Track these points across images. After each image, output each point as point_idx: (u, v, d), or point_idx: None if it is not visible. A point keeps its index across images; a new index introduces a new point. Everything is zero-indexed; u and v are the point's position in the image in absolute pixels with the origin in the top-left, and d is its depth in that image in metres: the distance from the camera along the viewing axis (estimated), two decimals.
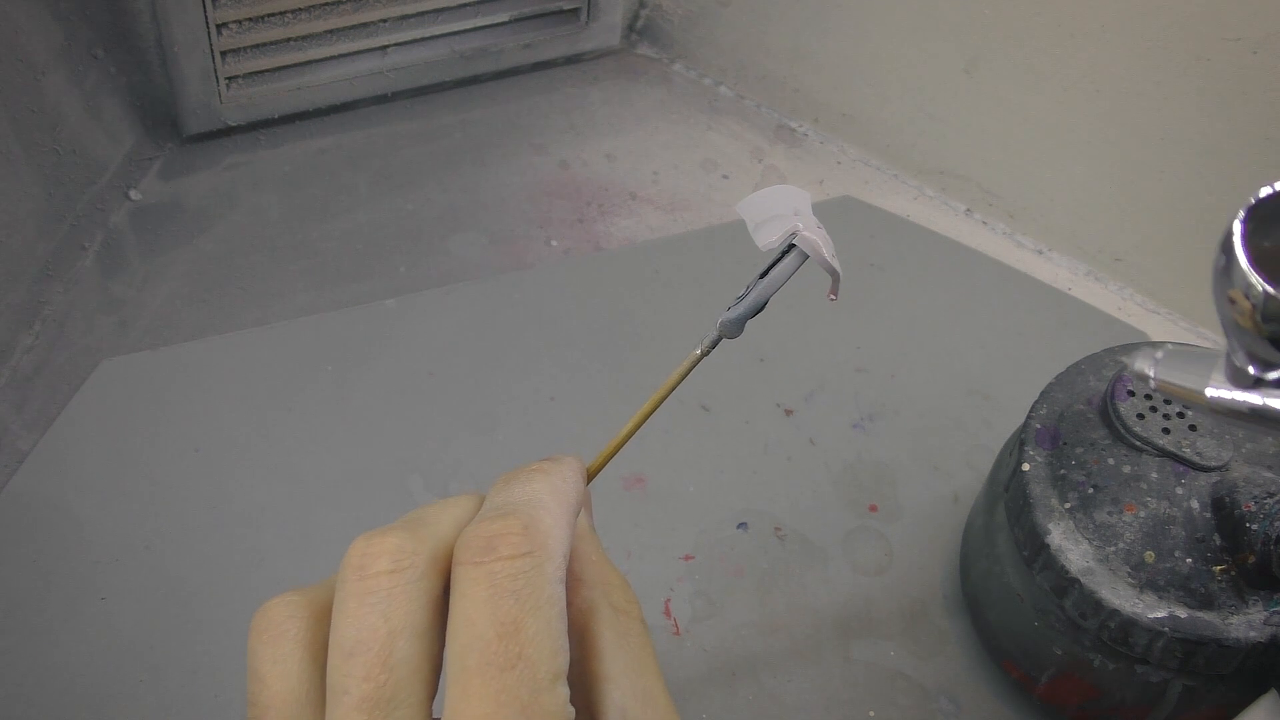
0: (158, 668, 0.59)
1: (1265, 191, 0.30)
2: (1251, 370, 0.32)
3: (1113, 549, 0.53)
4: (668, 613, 0.63)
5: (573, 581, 0.32)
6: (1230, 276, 0.30)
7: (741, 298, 0.36)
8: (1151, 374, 0.34)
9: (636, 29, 0.94)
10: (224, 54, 0.79)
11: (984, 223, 0.84)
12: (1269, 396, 0.32)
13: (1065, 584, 0.53)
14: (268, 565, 0.63)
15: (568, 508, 0.32)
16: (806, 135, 0.89)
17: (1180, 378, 0.34)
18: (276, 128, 0.85)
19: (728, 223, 0.82)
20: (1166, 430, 0.54)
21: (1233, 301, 0.30)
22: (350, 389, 0.71)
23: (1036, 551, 0.54)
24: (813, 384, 0.72)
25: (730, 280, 0.77)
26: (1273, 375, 0.32)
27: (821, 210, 0.83)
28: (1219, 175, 0.74)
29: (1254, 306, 0.29)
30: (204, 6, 0.76)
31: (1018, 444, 0.57)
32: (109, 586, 0.62)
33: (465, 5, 0.85)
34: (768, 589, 0.64)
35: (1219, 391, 0.33)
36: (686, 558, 0.65)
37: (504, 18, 0.86)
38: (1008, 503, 0.57)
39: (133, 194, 0.81)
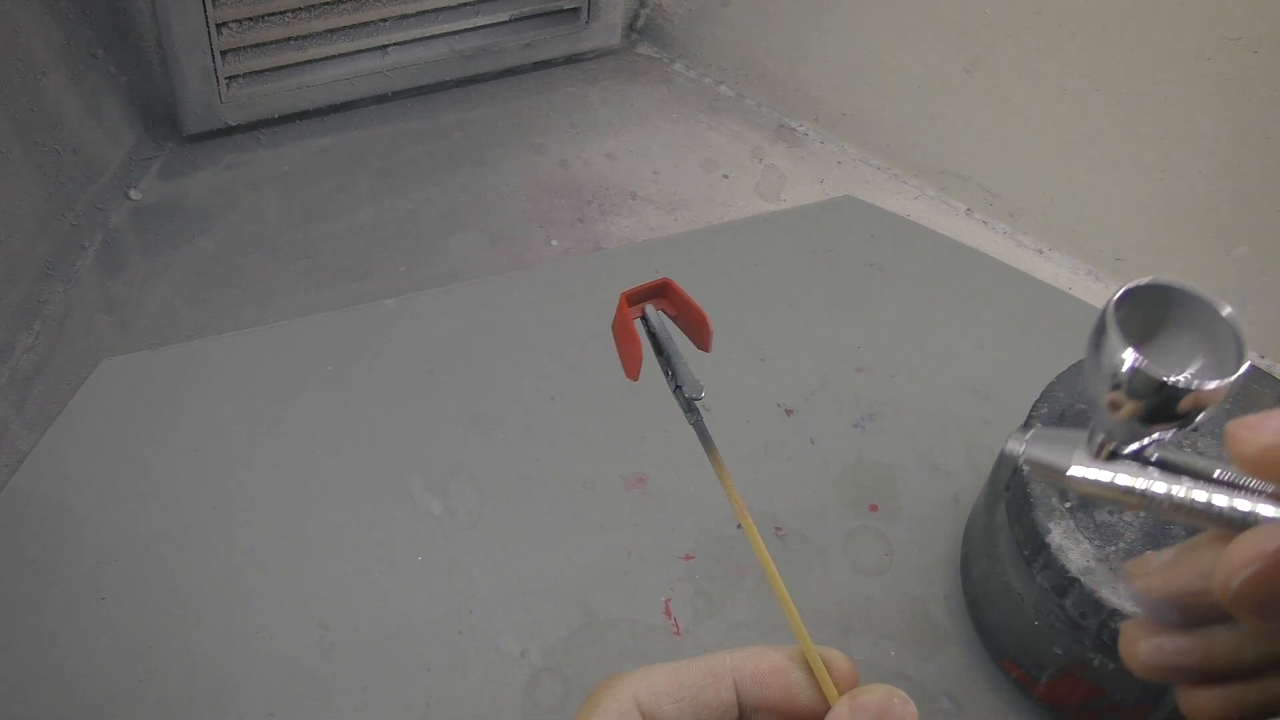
0: (158, 668, 0.59)
1: (1133, 284, 0.33)
2: (1111, 446, 0.34)
3: (1113, 548, 0.53)
4: (668, 613, 0.63)
5: None
6: (1101, 352, 0.32)
7: (672, 374, 0.38)
8: (1021, 453, 0.36)
9: (637, 28, 0.94)
10: (224, 53, 0.79)
11: (984, 222, 0.84)
12: (1125, 470, 0.34)
13: (1065, 583, 0.53)
14: (268, 565, 0.63)
15: (705, 664, 0.36)
16: (807, 135, 0.89)
17: (1046, 456, 0.36)
18: (276, 127, 0.85)
19: (728, 222, 0.82)
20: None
21: (1106, 392, 0.32)
22: (350, 389, 0.71)
23: (1037, 551, 0.54)
24: (813, 384, 0.72)
25: (730, 280, 0.77)
26: (1129, 449, 0.33)
27: (821, 210, 0.83)
28: (1220, 175, 0.74)
29: (1121, 386, 0.32)
30: (204, 6, 0.76)
31: (1018, 443, 0.57)
32: (109, 586, 0.62)
33: (465, 5, 0.85)
34: (767, 589, 0.64)
35: (1081, 468, 0.34)
36: (687, 558, 0.65)
37: (504, 17, 0.86)
38: (1008, 502, 0.57)
39: (133, 194, 0.81)
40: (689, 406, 0.38)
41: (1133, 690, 0.54)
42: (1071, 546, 0.53)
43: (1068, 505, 0.54)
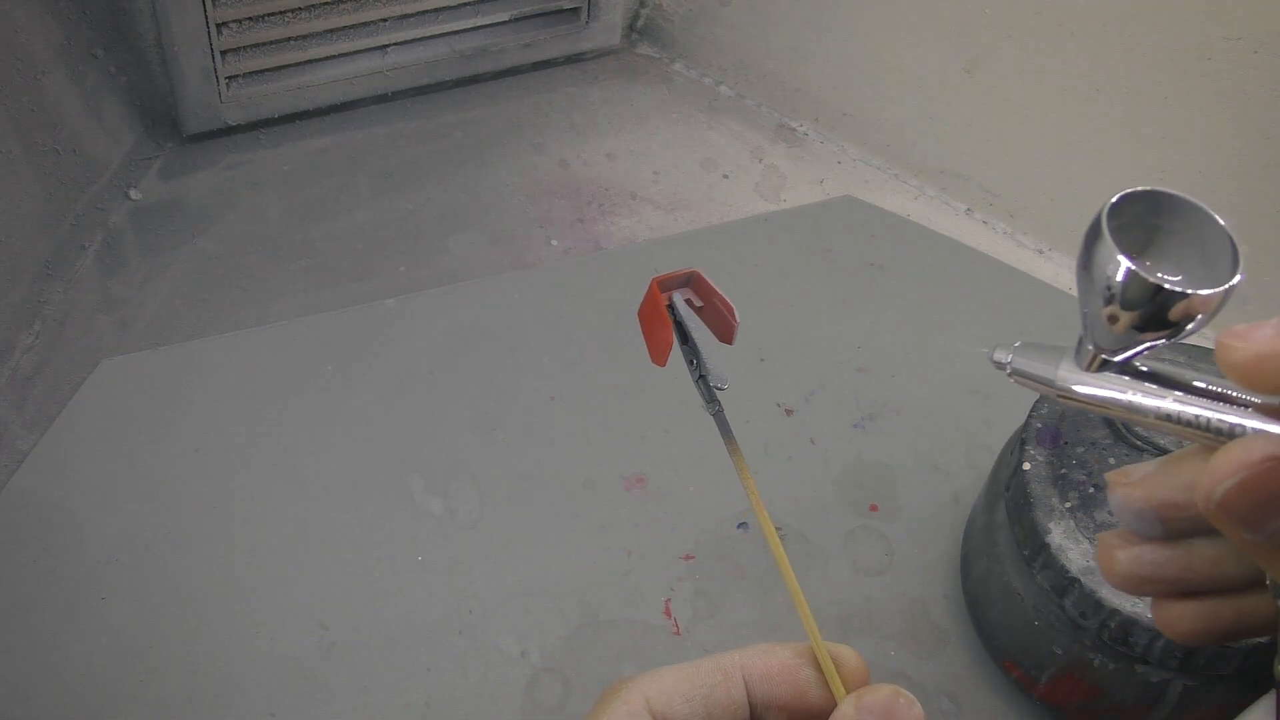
0: (158, 668, 0.59)
1: (1128, 190, 0.32)
2: (1101, 354, 0.33)
3: None
4: (668, 613, 0.63)
5: None
6: (1094, 259, 0.31)
7: (697, 363, 0.38)
8: (1007, 362, 0.35)
9: (637, 28, 0.94)
10: (224, 53, 0.79)
11: (984, 222, 0.84)
12: (1112, 382, 0.33)
13: (1066, 583, 0.53)
14: (268, 565, 0.63)
15: (715, 663, 0.36)
16: (807, 135, 0.89)
17: (1033, 367, 0.35)
18: (276, 127, 0.85)
19: (728, 222, 0.82)
20: None
21: (1100, 297, 0.31)
22: (350, 389, 0.71)
23: (1037, 551, 0.54)
24: (813, 384, 0.72)
25: (730, 280, 0.77)
26: (1120, 357, 0.33)
27: (821, 210, 0.83)
28: (1220, 174, 0.74)
29: (1114, 293, 0.31)
30: (204, 6, 0.76)
31: (1019, 443, 0.57)
32: (109, 586, 0.62)
33: (465, 5, 0.85)
34: (768, 589, 0.64)
35: (1068, 376, 0.34)
36: (687, 558, 0.65)
37: (504, 17, 0.86)
38: (1008, 502, 0.57)
39: (133, 194, 0.81)
40: (711, 396, 0.38)
41: (1133, 690, 0.54)
42: (1071, 546, 0.53)
43: (1068, 505, 0.54)
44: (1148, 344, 0.32)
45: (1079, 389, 0.34)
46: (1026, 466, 0.56)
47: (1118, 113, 0.76)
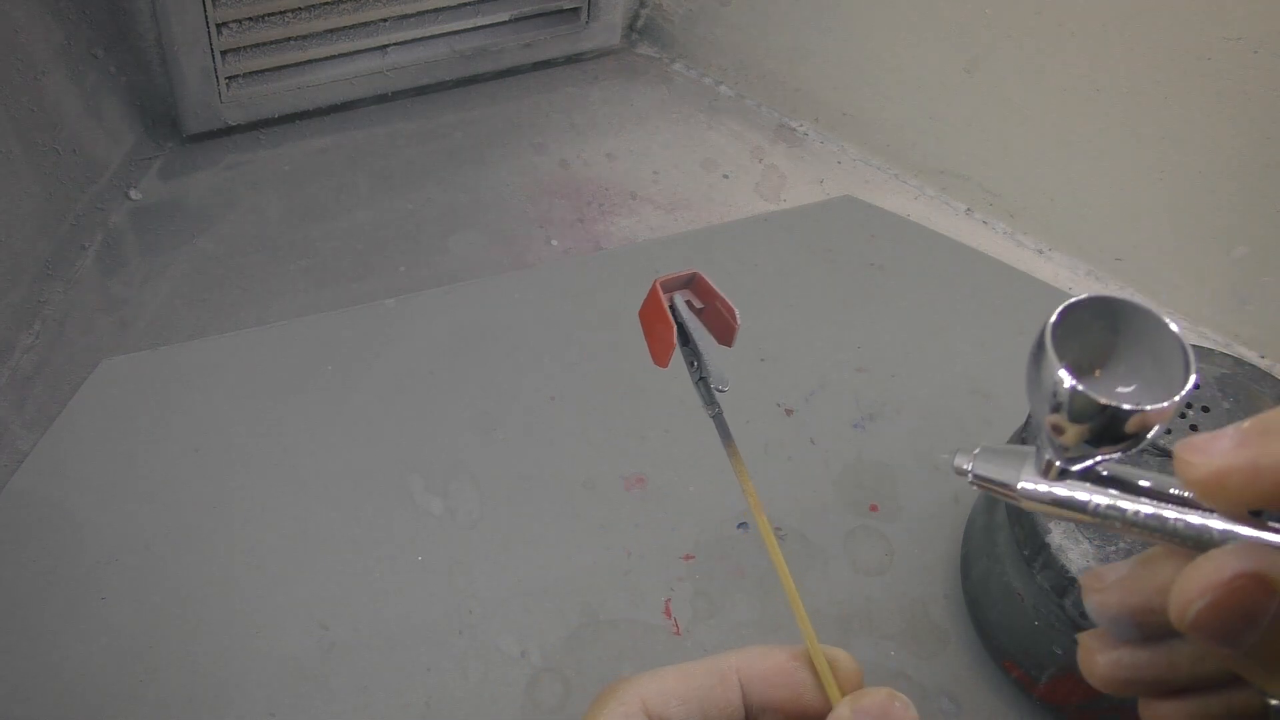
0: (158, 668, 0.59)
1: (1073, 300, 0.32)
2: (1058, 464, 0.33)
3: (1113, 549, 0.53)
4: (668, 613, 0.63)
5: None
6: (1040, 376, 0.31)
7: (698, 365, 0.38)
8: (969, 469, 0.35)
9: (637, 28, 0.94)
10: (224, 53, 0.79)
11: (984, 222, 0.84)
12: (1074, 489, 0.33)
13: (1066, 583, 0.53)
14: (268, 565, 0.63)
15: (711, 664, 0.37)
16: (807, 135, 0.89)
17: (995, 472, 0.35)
18: (276, 127, 0.85)
19: (728, 222, 0.82)
20: (1168, 430, 0.54)
21: (1048, 415, 0.31)
22: (350, 389, 0.71)
23: (1037, 551, 0.54)
24: (813, 384, 0.72)
25: (730, 280, 0.77)
26: (1077, 467, 0.33)
27: (821, 210, 0.83)
28: (1220, 175, 0.74)
29: (1062, 409, 0.30)
30: (204, 6, 0.76)
31: (1019, 443, 0.57)
32: (109, 586, 0.62)
33: (465, 5, 0.85)
34: (768, 589, 0.64)
35: (1029, 484, 0.34)
36: (687, 558, 0.65)
37: (504, 17, 0.86)
38: (1008, 502, 0.57)
39: (133, 194, 0.81)
40: (711, 399, 0.38)
41: None
42: (1071, 546, 0.53)
43: None
44: (1102, 457, 0.32)
45: (1041, 495, 0.33)
46: None
47: (1118, 113, 0.76)
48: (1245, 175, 0.73)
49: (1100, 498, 0.32)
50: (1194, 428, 0.54)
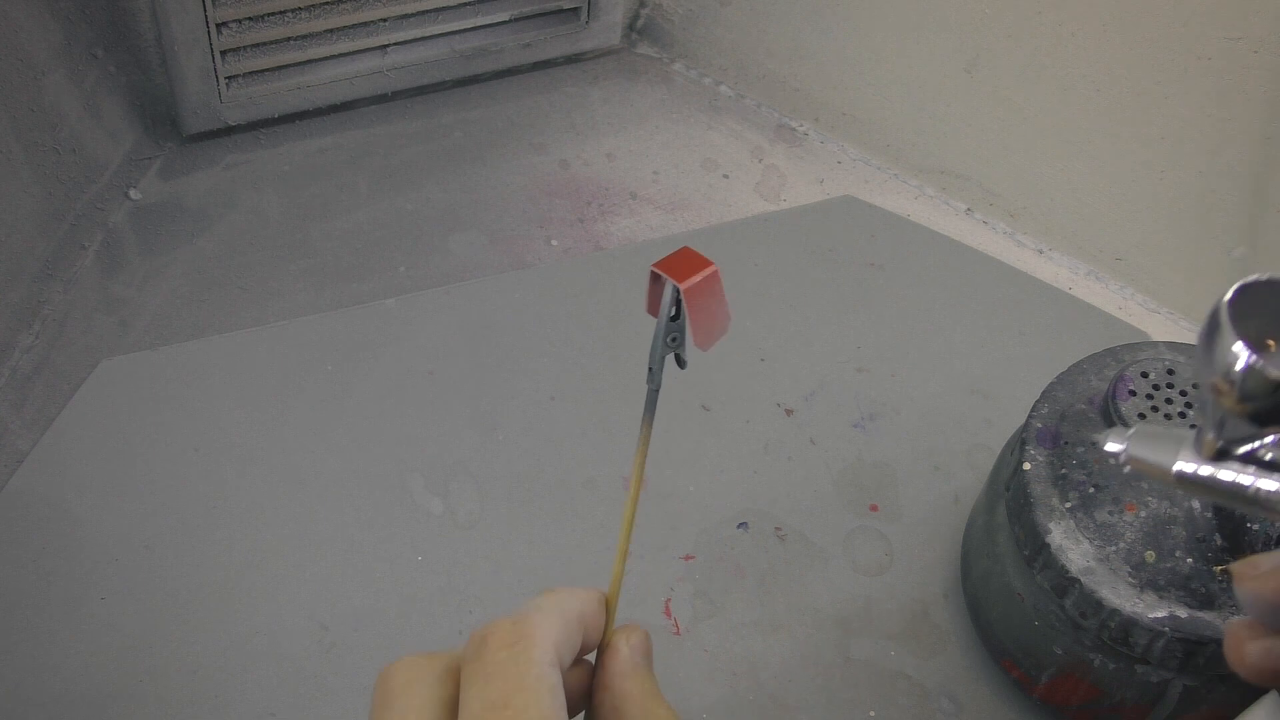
0: (158, 668, 0.59)
1: (1251, 279, 0.31)
2: (1221, 444, 0.32)
3: (1113, 549, 0.53)
4: (668, 613, 0.63)
5: (600, 692, 0.37)
6: (1214, 350, 0.31)
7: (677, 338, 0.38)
8: (1122, 450, 0.35)
9: (637, 28, 0.94)
10: (224, 53, 0.79)
11: (984, 222, 0.84)
12: (1238, 473, 0.32)
13: (1065, 583, 0.53)
14: (268, 565, 0.63)
15: (561, 609, 0.36)
16: (807, 135, 0.89)
17: (1149, 454, 0.34)
18: (276, 127, 0.85)
19: (728, 222, 0.82)
20: None
21: (1217, 390, 0.31)
22: (350, 389, 0.71)
23: (1037, 551, 0.54)
24: (813, 384, 0.72)
25: (730, 280, 0.77)
26: (1242, 450, 0.32)
27: (821, 210, 0.83)
28: (1220, 175, 0.74)
29: (1234, 385, 0.30)
30: (204, 6, 0.76)
31: (1019, 443, 0.57)
32: (109, 586, 0.62)
33: (465, 5, 0.85)
34: (768, 589, 0.64)
35: (1187, 466, 0.33)
36: (687, 558, 0.65)
37: (504, 17, 0.86)
38: (1008, 502, 0.57)
39: (133, 194, 0.81)
40: (659, 376, 0.39)
41: (1133, 690, 0.54)
42: (1071, 546, 0.53)
43: (1068, 505, 0.54)
44: (1272, 438, 0.31)
45: (1200, 477, 0.33)
46: (1027, 466, 0.56)
47: (1118, 113, 0.76)
48: (1245, 175, 0.73)
49: (1266, 482, 0.32)
50: (1194, 428, 0.54)
